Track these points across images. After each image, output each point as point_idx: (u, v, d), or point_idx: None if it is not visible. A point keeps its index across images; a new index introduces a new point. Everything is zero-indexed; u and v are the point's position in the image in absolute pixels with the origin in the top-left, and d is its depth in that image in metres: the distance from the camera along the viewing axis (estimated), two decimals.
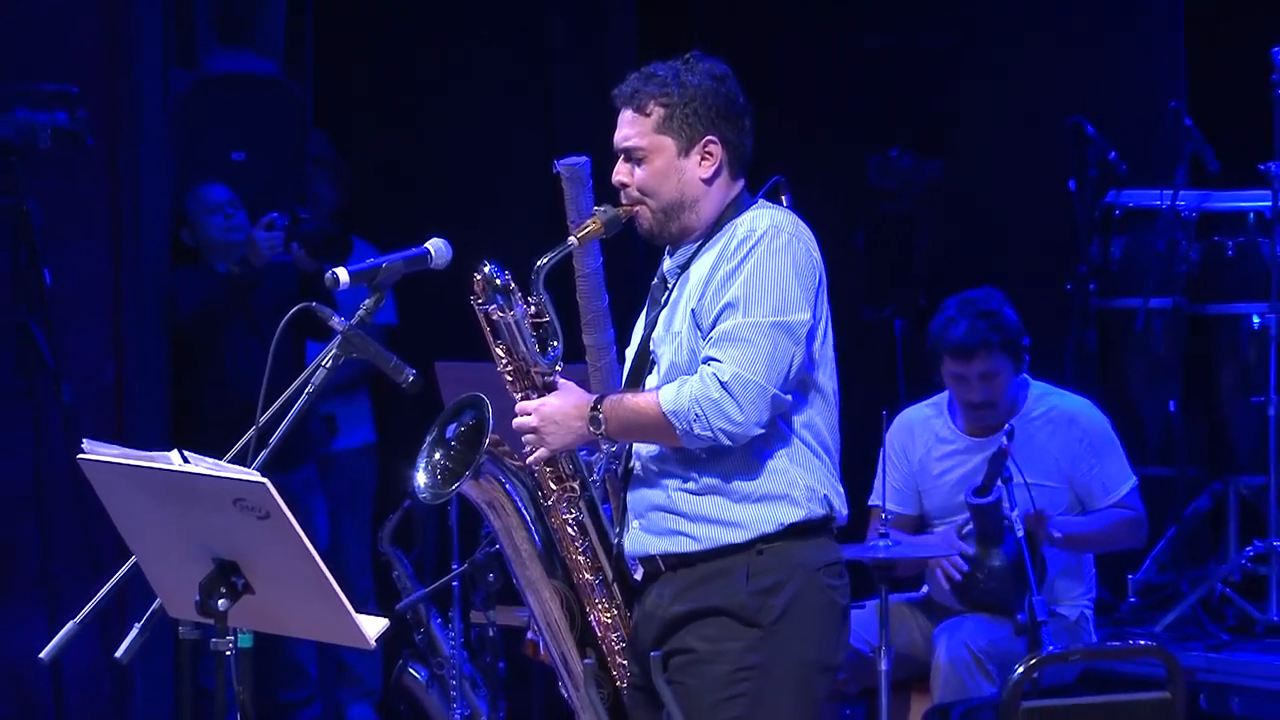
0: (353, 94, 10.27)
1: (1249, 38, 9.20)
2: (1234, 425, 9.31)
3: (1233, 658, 8.81)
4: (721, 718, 5.17)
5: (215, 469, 4.95)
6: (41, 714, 9.02)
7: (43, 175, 8.77)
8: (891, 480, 7.66)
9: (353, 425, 9.92)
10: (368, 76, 10.34)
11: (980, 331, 7.56)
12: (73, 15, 9.10)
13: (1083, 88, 10.01)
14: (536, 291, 5.23)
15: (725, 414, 5.07)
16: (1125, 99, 10.04)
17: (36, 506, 8.87)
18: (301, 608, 4.98)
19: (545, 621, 5.31)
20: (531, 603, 5.32)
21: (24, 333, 8.76)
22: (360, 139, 10.22)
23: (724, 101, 5.28)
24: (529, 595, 5.32)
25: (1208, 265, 9.36)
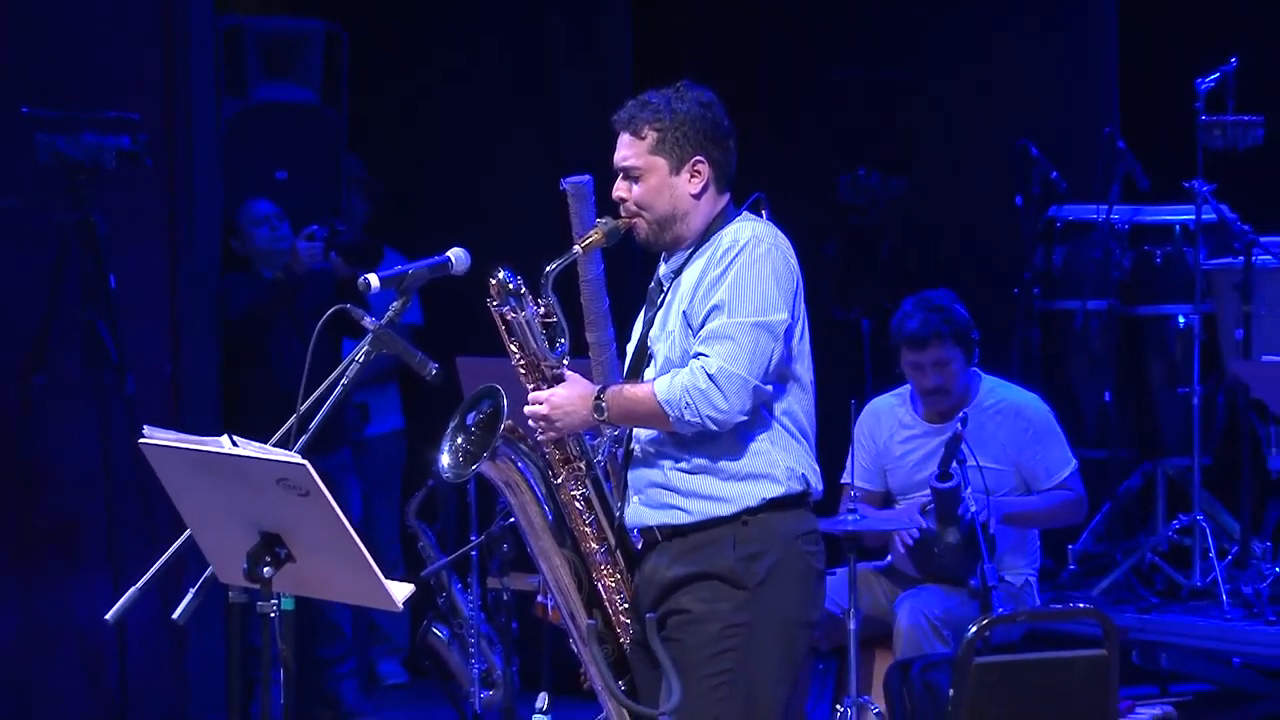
0: (383, 120, 10.26)
1: (1175, 70, 9.20)
2: (1162, 413, 9.31)
3: (1161, 619, 8.80)
4: (715, 669, 5.17)
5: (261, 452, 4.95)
6: (107, 668, 9.02)
7: (108, 192, 8.76)
8: (860, 461, 7.65)
9: (383, 413, 9.91)
10: (395, 105, 10.33)
11: (932, 324, 7.58)
12: (135, 50, 9.09)
13: (1028, 114, 10.00)
14: (545, 294, 5.24)
15: (712, 403, 5.09)
16: (1066, 124, 10.03)
17: (103, 486, 8.87)
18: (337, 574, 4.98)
19: (556, 586, 5.31)
20: (544, 569, 5.32)
21: (91, 331, 8.75)
22: (389, 159, 10.20)
23: (710, 125, 5.28)
24: (541, 563, 5.32)
25: (1138, 272, 9.36)
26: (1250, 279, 8.76)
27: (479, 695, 8.20)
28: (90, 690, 9.02)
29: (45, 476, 8.93)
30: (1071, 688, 4.75)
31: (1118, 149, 9.33)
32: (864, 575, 7.34)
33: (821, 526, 5.43)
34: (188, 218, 9.18)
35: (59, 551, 8.94)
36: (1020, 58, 10.42)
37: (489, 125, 10.19)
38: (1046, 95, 10.33)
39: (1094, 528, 9.14)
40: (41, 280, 8.75)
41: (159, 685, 9.00)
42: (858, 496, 7.46)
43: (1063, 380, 9.33)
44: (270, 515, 4.92)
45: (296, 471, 4.81)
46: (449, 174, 10.15)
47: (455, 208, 9.81)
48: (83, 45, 8.98)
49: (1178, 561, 9.06)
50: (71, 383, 8.84)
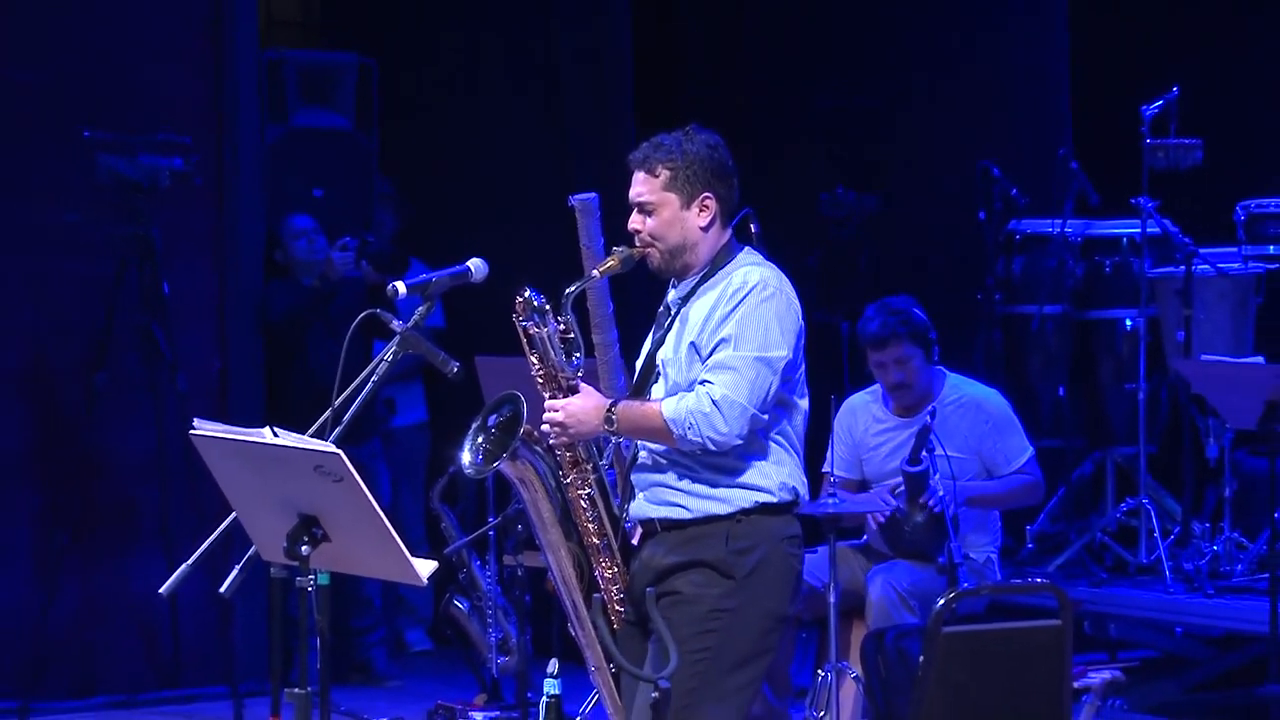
0: (409, 143, 10.26)
1: (1124, 97, 9.19)
2: (1110, 407, 9.31)
3: (1110, 592, 8.81)
4: (698, 645, 5.17)
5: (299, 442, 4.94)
6: (161, 638, 9.02)
7: (163, 208, 8.77)
8: (839, 452, 7.67)
9: (409, 407, 9.90)
10: (421, 130, 10.33)
11: (890, 325, 7.58)
12: (186, 80, 9.10)
13: (989, 138, 10.00)
14: (565, 313, 5.24)
15: (713, 426, 5.11)
16: (1023, 147, 10.03)
17: (157, 472, 8.87)
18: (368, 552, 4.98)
19: (560, 575, 5.31)
20: (550, 560, 5.32)
21: (147, 333, 8.76)
22: (414, 178, 10.20)
23: (717, 165, 5.29)
24: (548, 554, 5.31)
25: (1089, 280, 9.36)
26: (1190, 286, 8.76)
27: (496, 661, 8.21)
28: (146, 657, 9.02)
29: (105, 463, 8.93)
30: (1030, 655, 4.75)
31: (1071, 169, 9.33)
32: (842, 552, 7.34)
33: (805, 510, 5.43)
34: (234, 231, 9.18)
35: (117, 531, 8.94)
36: (982, 87, 10.43)
37: (505, 148, 10.19)
38: (1006, 120, 10.33)
39: (1050, 510, 9.14)
40: (102, 288, 8.75)
41: (208, 652, 9.00)
42: (837, 483, 7.54)
43: (1021, 377, 9.33)
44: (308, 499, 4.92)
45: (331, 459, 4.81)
46: (468, 191, 10.15)
47: (474, 222, 9.81)
48: (139, 75, 8.98)
49: (1125, 540, 9.06)
50: (129, 380, 8.84)
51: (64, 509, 8.80)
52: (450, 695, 8.56)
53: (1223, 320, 8.84)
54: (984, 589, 7.07)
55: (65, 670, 8.85)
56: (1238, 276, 8.85)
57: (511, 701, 8.13)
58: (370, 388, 5.15)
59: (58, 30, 8.83)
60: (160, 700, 8.91)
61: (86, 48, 8.87)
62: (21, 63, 8.77)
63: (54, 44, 8.82)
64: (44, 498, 8.83)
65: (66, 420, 8.84)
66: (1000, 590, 6.81)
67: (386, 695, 9.07)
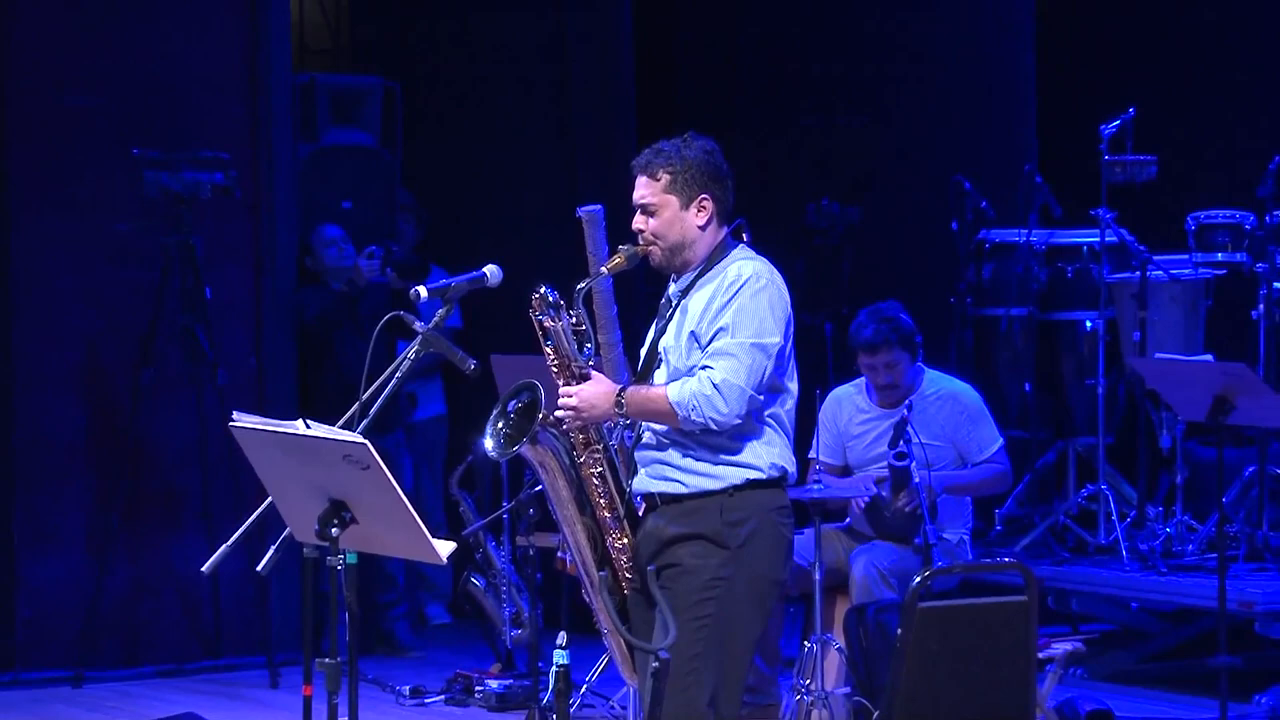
0: (429, 160, 10.25)
1: (1084, 117, 9.18)
2: (1072, 401, 9.30)
3: (1071, 570, 8.80)
4: (699, 613, 5.16)
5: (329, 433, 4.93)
6: (203, 612, 9.02)
7: (204, 219, 8.77)
8: (824, 440, 7.66)
9: (429, 401, 9.89)
10: (440, 147, 10.31)
11: (883, 332, 7.57)
12: (226, 102, 9.09)
13: (961, 154, 10.00)
14: (576, 307, 5.23)
15: (715, 407, 5.11)
16: (993, 162, 10.03)
17: (199, 461, 8.87)
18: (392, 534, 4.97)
19: (575, 546, 5.30)
20: (566, 533, 5.31)
21: (189, 334, 8.76)
22: (434, 192, 10.19)
23: (713, 169, 5.28)
24: (564, 527, 5.31)
25: (1053, 284, 9.35)
26: (1145, 291, 8.76)
27: (510, 633, 8.19)
28: (189, 629, 9.01)
29: (151, 452, 8.93)
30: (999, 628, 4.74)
31: (1035, 183, 9.33)
32: (827, 534, 7.33)
33: (791, 495, 5.42)
34: (269, 240, 9.17)
35: (163, 514, 8.93)
36: (955, 109, 10.44)
37: (517, 163, 10.19)
38: (976, 139, 10.34)
39: (1017, 495, 9.13)
40: (149, 292, 8.76)
41: (246, 625, 9.00)
42: (822, 469, 7.52)
43: (990, 373, 9.32)
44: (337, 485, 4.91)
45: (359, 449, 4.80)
46: (484, 203, 10.14)
47: (489, 231, 9.80)
48: (183, 98, 8.98)
49: (1086, 523, 9.05)
50: (173, 375, 8.84)
51: (114, 494, 8.80)
52: (468, 665, 8.55)
53: (1175, 322, 8.84)
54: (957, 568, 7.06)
55: (115, 642, 8.84)
56: (1189, 282, 8.84)
57: (524, 670, 8.12)
58: (394, 383, 5.15)
59: (110, 59, 8.84)
60: (202, 670, 8.91)
61: (136, 74, 8.87)
62: (77, 88, 8.77)
63: (106, 71, 8.83)
64: (96, 484, 8.82)
65: (116, 413, 8.84)
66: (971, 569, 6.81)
67: (409, 665, 9.06)
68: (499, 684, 8.19)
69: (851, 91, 10.54)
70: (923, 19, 10.51)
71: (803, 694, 7.01)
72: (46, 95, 8.73)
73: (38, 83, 8.72)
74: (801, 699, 7.00)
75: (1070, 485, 9.24)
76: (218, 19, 9.06)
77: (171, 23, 8.95)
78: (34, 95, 8.72)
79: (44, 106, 8.73)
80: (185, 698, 8.14)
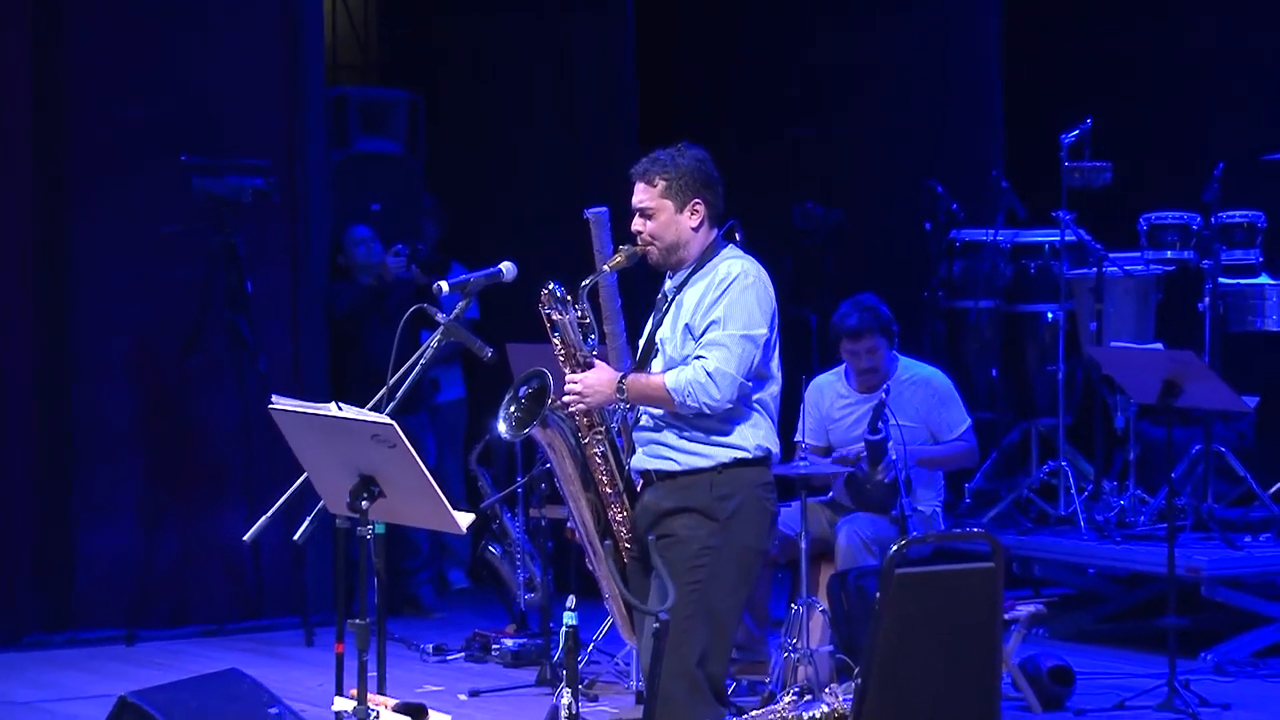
0: (450, 166, 10.24)
1: (1046, 127, 9.18)
2: (1035, 385, 9.30)
3: (1034, 540, 8.81)
4: (691, 579, 5.16)
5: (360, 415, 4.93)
6: (245, 578, 9.02)
7: (246, 221, 8.77)
8: (809, 423, 7.66)
9: (450, 385, 9.89)
10: (460, 155, 10.31)
11: (865, 321, 7.58)
12: (266, 113, 9.09)
13: (934, 161, 9.99)
14: (581, 301, 5.24)
15: (708, 393, 5.12)
16: (963, 168, 10.02)
17: (242, 440, 8.88)
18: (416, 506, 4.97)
19: (580, 519, 5.31)
20: (572, 507, 5.32)
21: (233, 325, 8.76)
22: (455, 195, 10.19)
23: (705, 175, 5.28)
24: (570, 502, 5.31)
25: (1018, 279, 9.35)
26: (1101, 285, 8.77)
27: (524, 597, 8.20)
28: (231, 593, 9.02)
29: (199, 433, 8.94)
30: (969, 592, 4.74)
31: (1002, 187, 9.34)
32: (812, 507, 7.32)
33: (780, 471, 5.43)
34: (305, 239, 9.17)
35: (208, 489, 8.94)
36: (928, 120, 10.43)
37: (530, 170, 10.19)
38: (948, 147, 10.33)
39: (985, 471, 9.14)
40: (195, 287, 8.76)
41: (284, 589, 9.01)
42: (807, 449, 7.50)
43: (960, 360, 9.32)
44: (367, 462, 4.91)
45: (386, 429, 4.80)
46: (499, 205, 10.14)
47: (504, 231, 9.79)
48: (227, 110, 8.98)
49: (1047, 496, 9.06)
50: (218, 363, 8.85)
51: (164, 470, 8.81)
52: (486, 625, 8.55)
53: (1128, 313, 8.84)
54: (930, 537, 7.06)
55: (165, 604, 8.85)
56: (1141, 277, 8.84)
57: (536, 630, 8.12)
58: (419, 369, 5.15)
59: (160, 74, 8.83)
60: (244, 629, 8.92)
61: (184, 89, 8.87)
62: (129, 101, 8.77)
63: (156, 85, 8.82)
64: (147, 461, 8.83)
65: (166, 397, 8.84)
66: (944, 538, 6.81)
67: (432, 625, 9.06)
68: (514, 643, 8.19)
69: (834, 104, 10.54)
70: (900, 40, 10.53)
71: (790, 652, 7.01)
72: (102, 108, 8.73)
73: (94, 97, 8.72)
74: (789, 656, 7.01)
75: (1033, 462, 9.24)
76: (258, 38, 9.06)
77: (216, 41, 8.94)
78: (91, 108, 8.72)
79: (100, 118, 8.73)
80: (228, 655, 8.14)
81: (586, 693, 7.36)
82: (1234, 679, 7.83)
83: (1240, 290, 8.73)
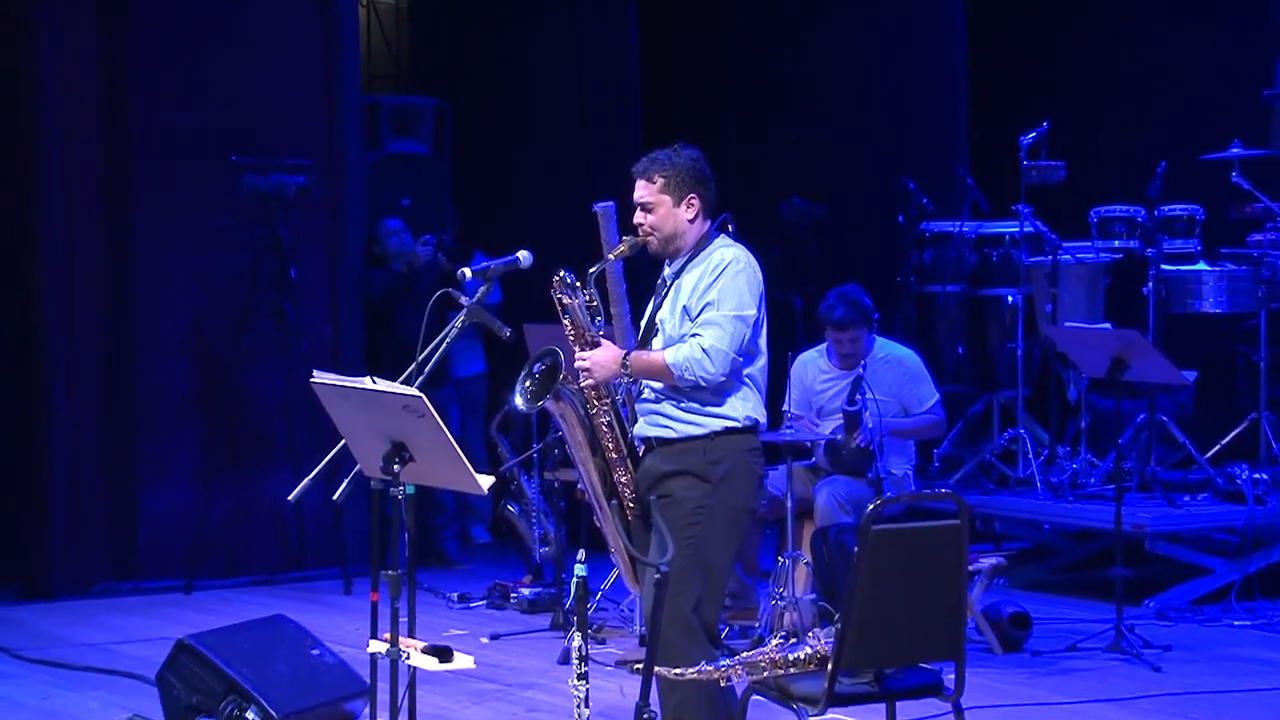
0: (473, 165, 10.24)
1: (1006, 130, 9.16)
2: (997, 361, 9.30)
3: (996, 499, 8.81)
4: (687, 534, 5.14)
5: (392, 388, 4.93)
6: (289, 534, 9.04)
7: (290, 214, 8.77)
8: (794, 396, 7.65)
9: (473, 361, 9.89)
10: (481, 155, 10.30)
11: (851, 314, 7.56)
12: (307, 117, 9.08)
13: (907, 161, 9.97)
14: (589, 287, 5.23)
15: (704, 367, 5.10)
16: (932, 167, 10.00)
17: (286, 410, 8.88)
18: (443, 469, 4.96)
19: (589, 481, 5.29)
20: (581, 470, 5.30)
21: (279, 308, 8.76)
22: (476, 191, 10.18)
23: (699, 173, 5.27)
24: (580, 466, 5.29)
25: (981, 266, 9.34)
26: (1056, 271, 8.75)
27: (539, 550, 8.20)
28: (278, 547, 9.03)
29: (249, 404, 8.94)
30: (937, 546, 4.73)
31: (967, 184, 9.33)
32: (797, 470, 7.32)
33: (768, 438, 5.42)
34: (342, 231, 9.17)
35: (257, 453, 8.94)
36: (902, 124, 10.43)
37: (544, 168, 10.19)
38: (919, 149, 10.32)
39: (951, 438, 9.14)
40: (244, 274, 8.76)
41: (324, 544, 9.01)
42: (793, 418, 7.50)
43: (930, 339, 9.32)
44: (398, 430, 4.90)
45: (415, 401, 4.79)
46: (517, 200, 10.13)
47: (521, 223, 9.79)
48: (273, 115, 8.97)
49: (1007, 461, 9.06)
50: (265, 342, 8.85)
51: (217, 438, 8.81)
52: (505, 576, 8.56)
53: (1080, 297, 8.83)
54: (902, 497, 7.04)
55: (218, 557, 8.86)
56: (1091, 264, 8.83)
57: (550, 581, 8.13)
58: (444, 347, 5.14)
59: (212, 84, 8.82)
60: (289, 579, 8.93)
61: (234, 96, 8.86)
62: (185, 108, 8.76)
63: (209, 94, 8.81)
64: (202, 429, 8.83)
65: (219, 372, 8.84)
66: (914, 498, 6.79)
67: (457, 576, 9.07)
68: (530, 591, 8.20)
69: (817, 109, 10.53)
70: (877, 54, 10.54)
71: (777, 599, 7.01)
72: (161, 115, 8.72)
73: (153, 105, 8.71)
74: (776, 603, 7.01)
75: (995, 430, 9.24)
76: (301, 51, 9.04)
77: (263, 55, 8.93)
78: (150, 115, 8.71)
79: (159, 124, 8.72)
80: (274, 602, 8.15)
81: (595, 636, 7.36)
82: (1174, 624, 7.84)
83: (1180, 276, 8.72)
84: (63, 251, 8.54)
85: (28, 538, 8.57)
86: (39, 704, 6.59)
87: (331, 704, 6.11)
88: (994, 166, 9.66)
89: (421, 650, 5.04)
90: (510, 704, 6.56)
